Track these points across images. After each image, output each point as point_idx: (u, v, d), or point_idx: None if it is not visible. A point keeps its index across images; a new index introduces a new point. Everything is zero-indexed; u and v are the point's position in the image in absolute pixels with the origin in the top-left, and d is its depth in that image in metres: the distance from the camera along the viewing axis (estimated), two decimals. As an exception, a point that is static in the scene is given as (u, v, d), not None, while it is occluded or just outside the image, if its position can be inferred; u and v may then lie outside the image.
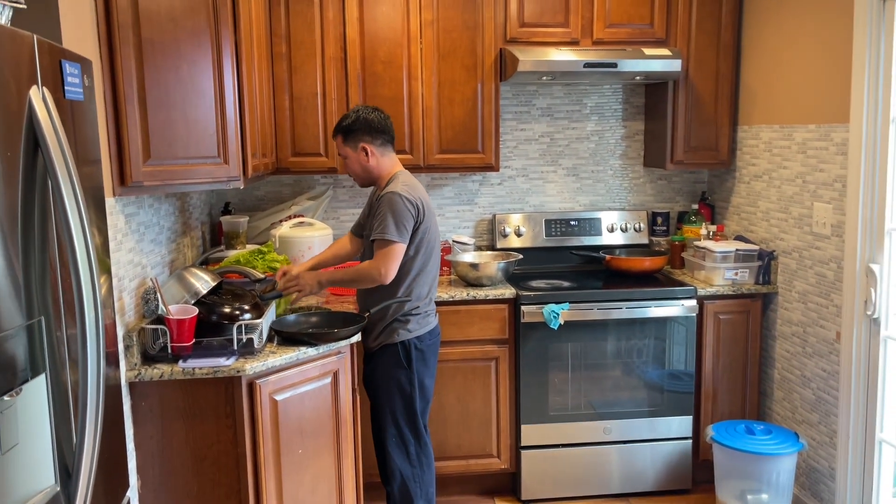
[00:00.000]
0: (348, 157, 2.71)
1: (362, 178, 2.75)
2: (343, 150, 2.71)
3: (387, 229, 2.55)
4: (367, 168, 2.71)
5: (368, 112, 2.70)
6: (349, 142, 2.69)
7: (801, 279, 3.13)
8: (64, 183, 1.37)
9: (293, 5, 3.25)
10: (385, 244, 2.56)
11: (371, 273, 2.57)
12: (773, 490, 2.96)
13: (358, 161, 2.70)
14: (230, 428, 2.22)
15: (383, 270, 2.55)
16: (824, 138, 2.94)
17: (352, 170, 2.73)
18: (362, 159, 2.70)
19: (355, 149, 2.69)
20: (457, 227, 3.83)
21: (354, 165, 2.71)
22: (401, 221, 2.55)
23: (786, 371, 3.27)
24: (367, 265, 2.59)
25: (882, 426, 2.76)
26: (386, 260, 2.55)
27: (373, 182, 2.76)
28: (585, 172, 3.90)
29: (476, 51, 3.38)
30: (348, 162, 2.72)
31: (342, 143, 2.71)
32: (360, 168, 2.71)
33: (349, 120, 2.68)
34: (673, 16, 3.47)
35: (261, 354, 2.28)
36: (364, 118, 2.68)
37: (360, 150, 2.69)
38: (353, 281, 2.64)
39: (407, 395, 2.67)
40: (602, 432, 3.35)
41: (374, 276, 2.56)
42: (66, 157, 1.39)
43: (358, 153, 2.69)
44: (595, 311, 3.27)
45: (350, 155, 2.70)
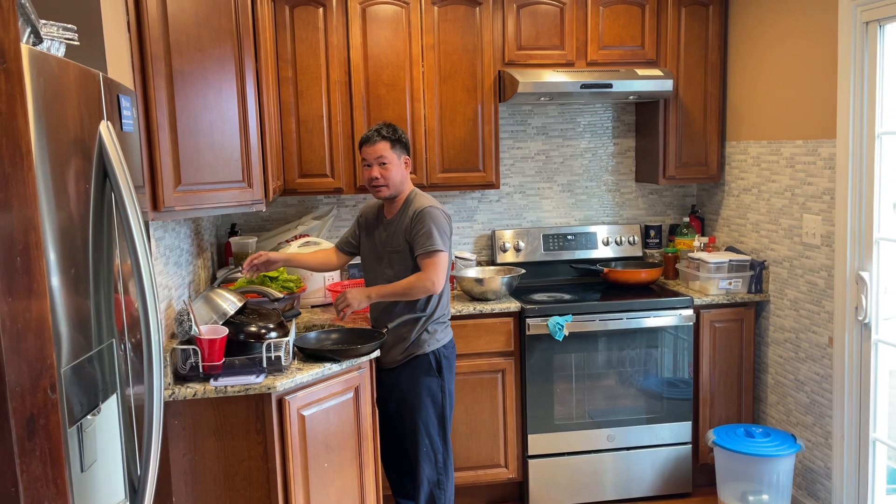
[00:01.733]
0: (391, 163, 2.75)
1: (396, 188, 2.80)
2: (387, 155, 2.75)
3: (435, 241, 2.67)
4: (404, 178, 2.81)
5: (404, 133, 2.86)
6: (397, 150, 2.78)
7: (793, 287, 3.28)
8: (131, 212, 1.44)
9: (299, 31, 3.34)
10: (433, 255, 2.67)
11: (424, 284, 2.66)
12: (773, 491, 3.09)
13: (400, 170, 2.79)
14: (260, 444, 2.28)
15: (435, 280, 2.67)
16: (812, 153, 3.10)
17: (392, 175, 2.76)
18: (403, 170, 2.81)
19: (400, 157, 2.79)
20: (457, 244, 3.93)
21: (397, 173, 2.77)
22: (444, 232, 2.70)
23: (779, 376, 3.42)
24: (417, 277, 2.68)
25: (875, 426, 2.90)
26: (437, 270, 2.67)
27: (394, 196, 2.82)
28: (580, 188, 4.03)
29: (476, 73, 3.50)
30: (389, 167, 2.75)
31: (389, 148, 2.76)
32: (399, 177, 2.79)
33: (396, 132, 2.80)
34: (662, 38, 3.62)
35: (288, 371, 2.35)
36: (406, 137, 2.83)
37: (402, 161, 2.81)
38: (404, 294, 2.71)
39: (439, 404, 2.77)
40: (606, 440, 3.45)
41: (426, 287, 2.67)
42: (130, 187, 1.47)
43: (401, 162, 2.80)
44: (597, 322, 3.39)
45: (395, 162, 2.77)
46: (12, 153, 0.94)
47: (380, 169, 2.76)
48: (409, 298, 2.74)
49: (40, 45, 1.40)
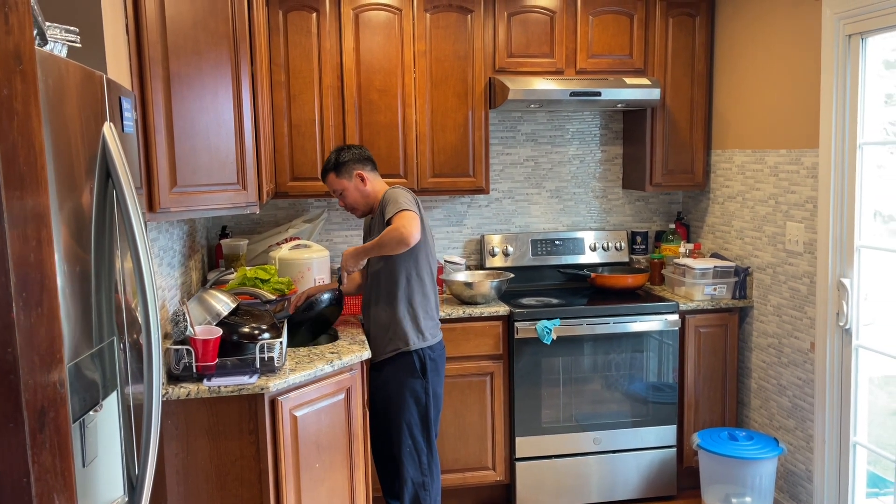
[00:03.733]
0: (346, 190, 2.87)
1: (363, 205, 2.91)
2: (339, 185, 2.87)
3: (399, 205, 2.68)
4: (365, 193, 2.88)
5: (349, 148, 2.92)
6: (343, 174, 2.87)
7: (776, 293, 3.35)
8: (133, 213, 1.47)
9: (292, 36, 3.37)
10: (400, 214, 2.65)
11: (396, 231, 2.62)
12: (756, 493, 3.15)
13: (356, 189, 2.88)
14: (253, 444, 2.30)
15: (407, 225, 2.61)
16: (795, 162, 3.17)
17: (352, 200, 2.89)
18: (360, 186, 2.88)
19: (351, 178, 2.87)
20: (447, 248, 3.97)
21: (354, 194, 2.88)
22: (407, 200, 2.71)
23: (762, 380, 3.48)
24: (387, 229, 2.66)
25: (855, 429, 2.96)
26: (405, 220, 2.63)
27: (371, 206, 2.92)
28: (567, 194, 4.08)
29: (467, 80, 3.55)
30: (347, 194, 2.88)
31: (335, 178, 2.88)
32: (359, 195, 2.88)
33: (337, 157, 2.88)
34: (650, 47, 3.69)
35: (281, 372, 2.37)
36: (350, 152, 2.90)
37: (355, 178, 2.87)
38: (381, 246, 2.67)
39: (422, 405, 2.79)
40: (592, 443, 3.50)
41: (400, 234, 2.60)
42: (132, 187, 1.49)
43: (354, 181, 2.87)
44: (584, 326, 3.44)
45: (347, 186, 2.87)
46: (27, 153, 0.97)
47: (341, 199, 2.90)
48: (390, 250, 2.68)
49: (45, 47, 1.43)
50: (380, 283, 2.85)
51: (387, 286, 2.83)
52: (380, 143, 3.49)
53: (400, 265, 2.80)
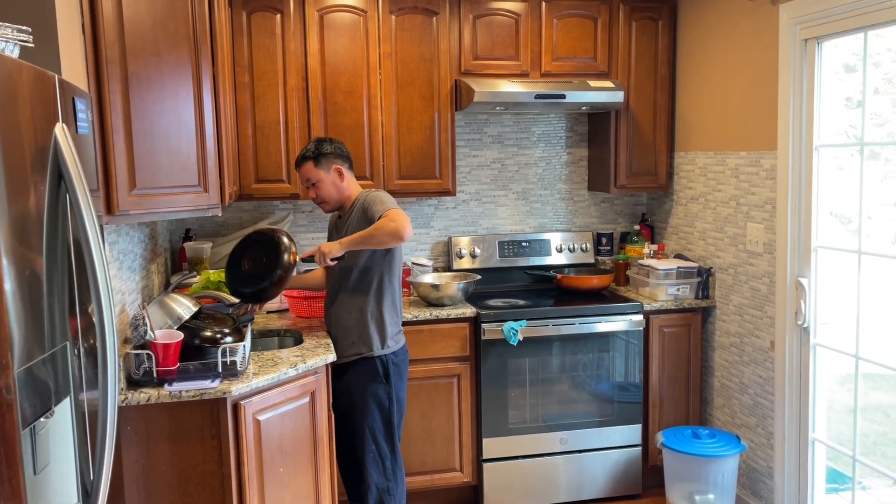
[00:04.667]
0: (321, 181, 2.81)
1: (335, 201, 2.86)
2: (315, 175, 2.81)
3: (388, 205, 2.68)
4: (340, 188, 2.84)
5: (332, 142, 2.87)
6: (322, 165, 2.81)
7: (737, 293, 3.40)
8: (87, 215, 1.44)
9: (256, 37, 3.35)
10: (392, 211, 2.65)
11: (388, 224, 2.60)
12: (719, 490, 3.19)
13: (333, 183, 2.82)
14: (215, 449, 2.27)
15: (398, 220, 2.60)
16: (755, 164, 3.23)
17: (326, 192, 2.83)
18: (336, 180, 2.83)
19: (329, 171, 2.81)
20: (414, 250, 3.96)
21: (329, 188, 2.82)
22: (392, 202, 2.71)
23: (725, 379, 3.53)
24: (381, 220, 2.63)
25: (814, 426, 3.02)
26: (398, 215, 2.62)
27: (341, 204, 2.87)
28: (534, 196, 4.11)
29: (433, 81, 3.55)
30: (321, 185, 2.82)
31: (313, 167, 2.81)
32: (334, 189, 2.83)
33: (318, 147, 2.82)
34: (614, 50, 3.73)
35: (244, 376, 2.35)
36: (332, 145, 2.85)
37: (333, 172, 2.82)
38: (371, 236, 2.63)
39: (386, 411, 2.78)
40: (558, 443, 3.52)
41: (392, 227, 2.59)
42: (85, 190, 1.47)
43: (332, 174, 2.82)
44: (550, 327, 3.46)
45: (324, 178, 2.81)
46: (-30, 154, 0.95)
47: (312, 189, 2.84)
48: (378, 242, 2.65)
49: (-5, 47, 1.40)
50: (348, 284, 2.82)
51: (356, 288, 2.80)
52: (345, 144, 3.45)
53: (374, 269, 2.78)
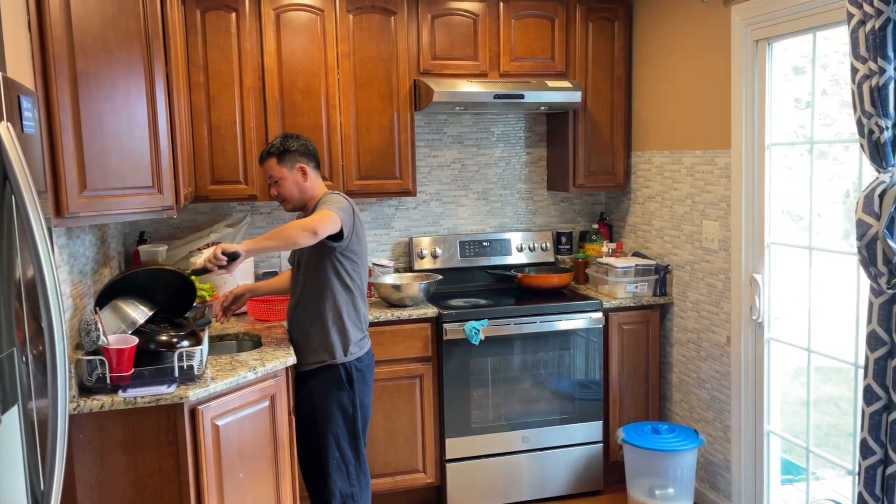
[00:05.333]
0: (284, 179, 2.73)
1: (297, 200, 2.77)
2: (278, 172, 2.73)
3: (331, 207, 2.59)
4: (303, 188, 2.75)
5: (298, 138, 2.80)
6: (285, 163, 2.73)
7: (694, 290, 3.46)
8: (34, 217, 1.39)
9: (210, 36, 3.29)
10: (323, 212, 2.56)
11: (302, 222, 2.51)
12: (678, 484, 3.24)
13: (295, 182, 2.74)
14: (172, 455, 2.22)
15: (316, 218, 2.50)
16: (710, 163, 3.29)
17: (287, 191, 2.74)
18: (299, 179, 2.74)
19: (292, 169, 2.73)
20: (375, 251, 3.94)
21: (291, 187, 2.74)
22: (344, 210, 2.62)
23: (683, 374, 3.59)
24: (298, 220, 2.55)
25: (769, 419, 3.09)
26: (321, 216, 2.52)
27: (304, 204, 2.80)
28: (494, 196, 4.12)
29: (391, 81, 3.53)
30: (284, 183, 2.73)
31: (276, 164, 2.73)
32: (296, 189, 2.75)
33: (283, 143, 2.74)
34: (571, 51, 3.76)
35: (201, 381, 2.30)
36: (298, 142, 2.77)
37: (297, 171, 2.74)
38: (281, 232, 2.50)
39: (350, 417, 2.73)
40: (521, 441, 3.53)
41: (304, 224, 2.49)
42: (32, 191, 1.42)
43: (295, 173, 2.74)
44: (511, 326, 3.47)
45: (287, 176, 2.73)
46: None
47: (274, 187, 2.76)
48: (290, 239, 2.50)
49: (-67, 43, 1.35)
50: (308, 291, 2.75)
51: (315, 295, 2.73)
52: (304, 145, 3.43)
53: (329, 275, 2.70)
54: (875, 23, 2.18)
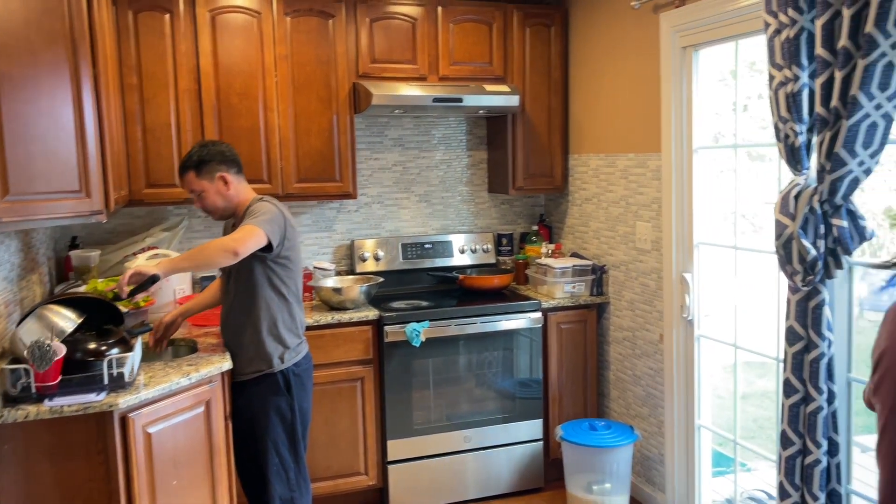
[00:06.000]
0: (205, 191, 2.66)
1: (222, 210, 2.72)
2: (198, 185, 2.65)
3: (255, 220, 2.53)
4: (227, 197, 2.69)
5: (214, 144, 2.72)
6: (204, 175, 2.65)
7: (629, 289, 3.55)
8: (-54, 222, 1.36)
9: (143, 37, 3.24)
10: (249, 227, 2.50)
11: (223, 241, 2.47)
12: (615, 479, 3.32)
13: (217, 192, 2.67)
14: (102, 464, 2.18)
15: (237, 237, 2.46)
16: (642, 165, 3.38)
17: (211, 203, 2.68)
18: (221, 189, 2.67)
19: (212, 180, 2.66)
20: (316, 254, 3.93)
21: (214, 198, 2.67)
22: (272, 221, 2.57)
23: (620, 372, 3.68)
24: (219, 239, 2.50)
25: (699, 413, 3.19)
26: (243, 234, 2.47)
27: (232, 212, 2.75)
28: (436, 198, 4.15)
29: (330, 84, 3.53)
30: (206, 195, 2.66)
31: (195, 178, 2.64)
32: (220, 199, 2.68)
33: (199, 154, 2.66)
34: (509, 55, 3.82)
35: (132, 388, 2.26)
36: (214, 150, 2.68)
37: (217, 180, 2.66)
38: (200, 254, 2.46)
39: (288, 423, 2.72)
40: (463, 441, 3.57)
41: (225, 243, 2.45)
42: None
43: (216, 183, 2.66)
44: (452, 327, 3.50)
45: (207, 188, 2.66)
46: None
47: (198, 200, 2.69)
48: (209, 260, 2.48)
49: None
50: (239, 300, 2.71)
51: (247, 304, 2.69)
52: (242, 147, 3.37)
53: (262, 283, 2.66)
54: (790, 32, 2.28)
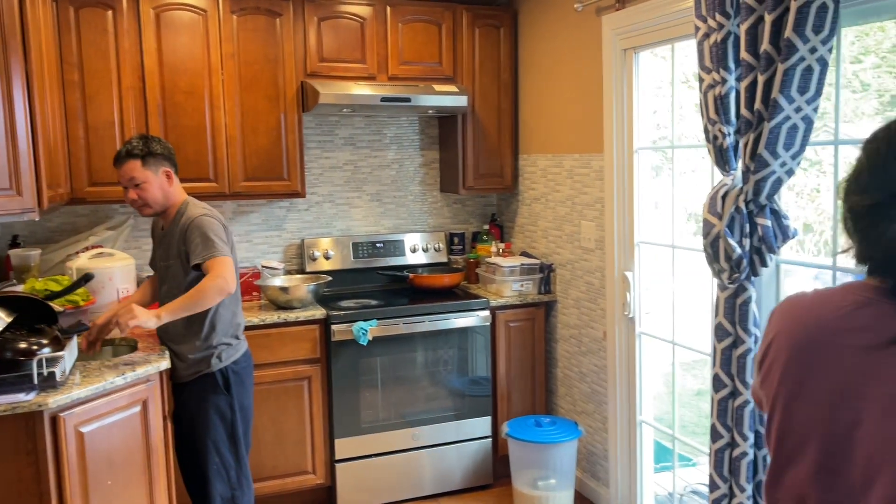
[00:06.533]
0: (148, 182, 2.64)
1: (160, 205, 2.70)
2: (142, 175, 2.63)
3: (215, 248, 2.54)
4: (168, 193, 2.68)
5: (159, 141, 2.71)
6: (151, 166, 2.64)
7: (575, 288, 3.61)
8: None
9: (85, 34, 3.20)
10: (217, 260, 2.53)
11: (216, 283, 2.49)
12: (559, 474, 3.37)
13: (160, 186, 2.66)
14: (32, 465, 2.16)
15: (227, 277, 2.51)
16: (586, 166, 3.43)
17: (152, 196, 2.66)
18: (164, 184, 2.67)
19: (157, 172, 2.65)
20: (265, 253, 3.92)
21: (155, 191, 2.66)
22: (222, 239, 2.59)
23: (567, 369, 3.73)
24: (207, 278, 2.51)
25: (641, 409, 3.25)
26: (223, 269, 2.51)
27: (164, 210, 2.74)
28: (388, 198, 4.16)
29: (278, 83, 3.53)
30: (147, 187, 2.64)
31: (140, 167, 2.62)
32: (160, 193, 2.67)
33: (147, 145, 2.64)
34: (459, 56, 3.85)
35: (64, 387, 2.25)
36: (162, 146, 2.69)
37: (162, 174, 2.66)
38: (198, 300, 2.50)
39: (228, 422, 2.71)
40: (411, 439, 3.59)
41: (220, 285, 2.49)
42: None
43: (160, 177, 2.66)
44: (401, 325, 3.52)
45: (151, 179, 2.64)
46: None
47: (135, 191, 2.65)
48: (206, 305, 2.56)
49: None
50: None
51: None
52: (187, 146, 3.39)
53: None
54: (717, 36, 2.34)
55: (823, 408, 1.13)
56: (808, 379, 1.15)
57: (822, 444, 1.13)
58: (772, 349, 1.22)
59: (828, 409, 1.12)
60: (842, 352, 1.11)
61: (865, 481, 1.07)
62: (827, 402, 1.12)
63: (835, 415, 1.11)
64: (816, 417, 1.14)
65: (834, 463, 1.11)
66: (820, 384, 1.13)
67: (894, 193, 1.07)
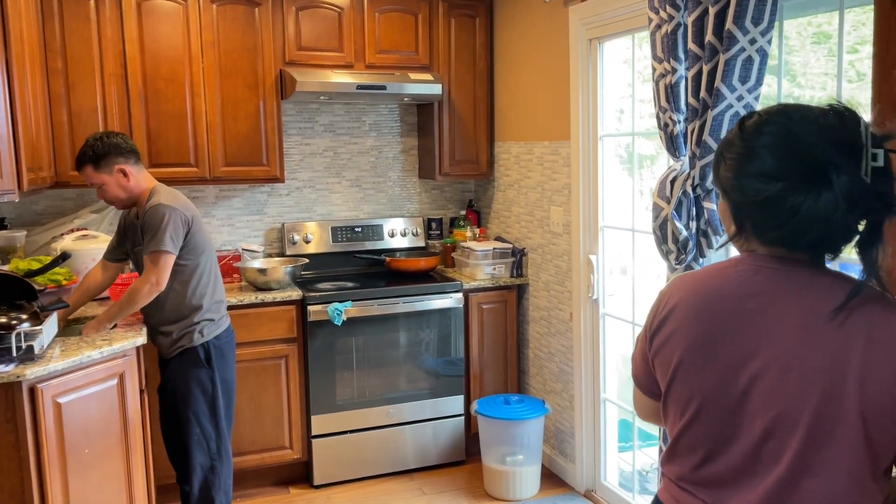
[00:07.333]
0: (105, 184, 2.74)
1: (124, 201, 2.80)
2: (97, 179, 2.73)
3: (160, 241, 2.67)
4: (128, 188, 2.77)
5: (108, 137, 2.76)
6: (102, 168, 2.72)
7: (545, 271, 3.72)
8: None
9: (68, 22, 3.30)
10: (157, 255, 2.67)
11: (144, 287, 2.66)
12: (527, 450, 3.49)
13: (118, 185, 2.75)
14: (12, 433, 2.28)
15: (155, 279, 2.67)
16: (555, 153, 3.54)
17: (112, 195, 2.76)
18: (122, 181, 2.76)
19: (111, 173, 2.73)
20: (247, 237, 4.03)
21: (115, 190, 2.75)
22: (170, 232, 2.69)
23: (537, 349, 3.85)
24: (136, 282, 2.69)
25: (605, 388, 3.38)
26: (157, 269, 2.68)
27: (134, 202, 2.84)
28: (367, 183, 4.27)
29: (257, 71, 3.63)
30: (107, 188, 2.74)
31: (94, 171, 2.72)
32: (121, 191, 2.76)
33: (93, 149, 2.72)
34: (434, 45, 3.95)
35: (42, 360, 2.36)
36: (109, 143, 2.74)
37: (117, 173, 2.74)
38: (129, 305, 2.69)
39: (209, 395, 2.85)
40: (386, 416, 3.72)
41: (149, 289, 2.67)
42: None
43: (115, 176, 2.74)
44: (376, 307, 3.64)
45: (107, 181, 2.74)
46: None
47: (99, 192, 2.78)
48: (138, 306, 2.70)
49: None
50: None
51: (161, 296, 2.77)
52: (169, 132, 3.50)
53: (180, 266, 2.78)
54: (668, 27, 2.44)
55: (725, 371, 1.22)
56: (712, 346, 1.23)
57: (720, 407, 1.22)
58: (669, 321, 1.30)
59: (730, 372, 1.21)
60: (742, 316, 1.21)
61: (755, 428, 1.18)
62: (728, 365, 1.22)
63: (735, 376, 1.20)
64: (719, 381, 1.22)
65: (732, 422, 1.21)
66: (725, 349, 1.22)
67: (803, 174, 1.15)
